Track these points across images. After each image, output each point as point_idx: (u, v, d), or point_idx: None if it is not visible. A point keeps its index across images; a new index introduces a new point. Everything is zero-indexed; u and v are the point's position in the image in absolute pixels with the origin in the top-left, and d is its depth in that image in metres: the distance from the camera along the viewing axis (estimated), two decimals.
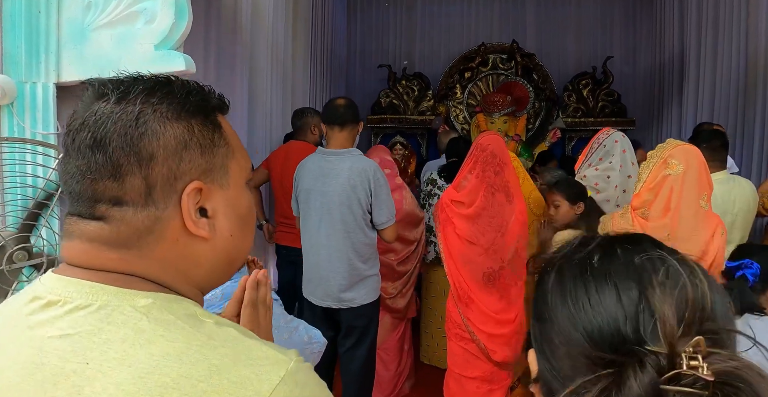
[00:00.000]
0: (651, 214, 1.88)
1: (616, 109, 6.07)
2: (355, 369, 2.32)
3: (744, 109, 4.43)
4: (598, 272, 0.50)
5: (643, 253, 0.50)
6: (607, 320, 0.47)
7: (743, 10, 4.50)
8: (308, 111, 3.16)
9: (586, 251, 0.53)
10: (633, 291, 0.47)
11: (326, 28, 5.56)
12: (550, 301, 0.53)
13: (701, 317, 0.44)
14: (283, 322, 1.35)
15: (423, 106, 6.24)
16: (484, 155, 2.31)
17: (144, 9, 1.58)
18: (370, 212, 2.18)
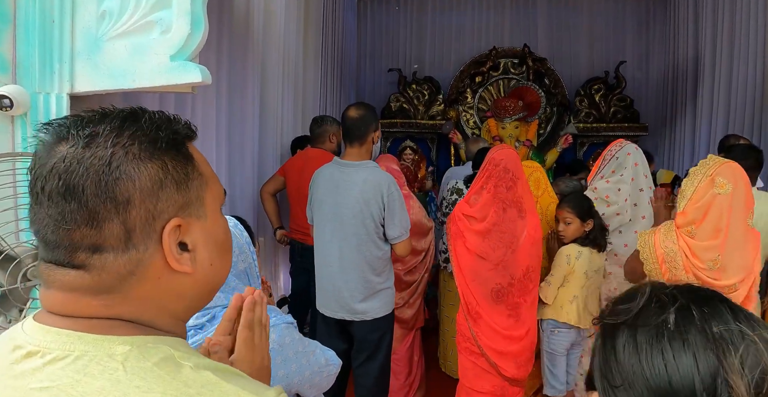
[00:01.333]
0: (699, 233, 1.81)
1: (628, 114, 6.01)
2: (368, 385, 2.29)
3: (761, 116, 4.37)
4: (674, 336, 0.51)
5: (721, 323, 0.51)
6: (682, 386, 0.48)
7: (761, 15, 4.43)
8: (327, 119, 3.16)
9: (661, 308, 0.53)
10: (711, 362, 0.49)
11: (337, 32, 5.55)
12: (623, 354, 0.53)
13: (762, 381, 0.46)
14: (301, 347, 1.32)
15: (433, 111, 6.21)
16: (497, 171, 2.28)
17: (159, 19, 1.56)
18: (383, 226, 2.15)
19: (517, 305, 2.22)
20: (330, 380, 1.42)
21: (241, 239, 1.28)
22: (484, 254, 2.23)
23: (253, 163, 3.40)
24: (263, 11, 3.49)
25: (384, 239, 2.17)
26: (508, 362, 2.18)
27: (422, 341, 3.17)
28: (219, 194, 0.68)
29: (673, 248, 1.80)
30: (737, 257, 1.76)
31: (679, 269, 1.78)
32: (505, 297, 2.18)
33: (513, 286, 2.19)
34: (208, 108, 2.69)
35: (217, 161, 2.82)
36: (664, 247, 1.82)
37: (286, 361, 1.24)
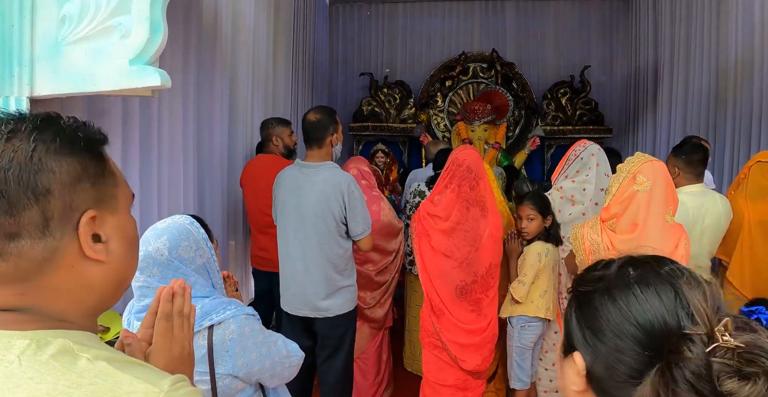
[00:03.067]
0: (619, 227, 1.92)
1: (593, 117, 6.19)
2: (331, 380, 2.34)
3: (715, 118, 4.56)
4: (638, 281, 0.64)
5: (665, 265, 0.66)
6: (655, 314, 0.60)
7: (714, 23, 4.64)
8: (271, 121, 3.15)
9: (621, 268, 0.68)
10: (669, 292, 0.61)
11: (308, 37, 5.59)
12: (600, 308, 0.64)
13: (719, 308, 0.59)
14: (261, 338, 1.36)
15: (404, 114, 6.30)
16: (460, 170, 2.36)
17: (119, 24, 1.59)
18: (345, 224, 2.21)
19: (479, 300, 2.29)
20: (292, 371, 1.46)
21: (198, 235, 1.32)
22: (449, 253, 2.29)
23: (222, 168, 3.41)
24: (231, 15, 3.52)
25: (346, 236, 2.23)
26: (470, 355, 2.25)
27: (390, 340, 3.22)
28: (129, 194, 0.73)
29: (597, 239, 1.91)
30: (653, 252, 1.85)
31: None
32: (469, 294, 2.25)
33: (476, 283, 2.26)
34: (175, 111, 2.71)
35: (185, 164, 2.83)
36: (591, 239, 1.92)
37: (245, 350, 1.29)
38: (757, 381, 0.52)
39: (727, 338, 0.54)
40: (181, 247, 1.27)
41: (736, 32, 4.31)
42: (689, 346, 0.55)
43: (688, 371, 0.54)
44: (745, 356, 0.53)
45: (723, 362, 0.53)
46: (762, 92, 3.95)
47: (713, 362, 0.54)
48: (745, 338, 0.54)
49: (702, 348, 0.55)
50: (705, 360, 0.54)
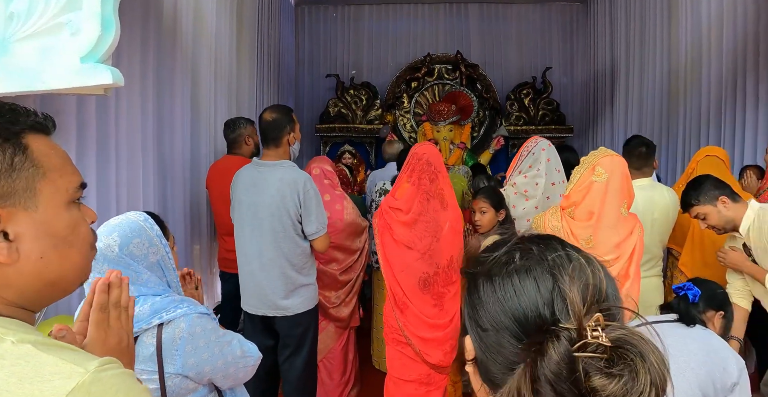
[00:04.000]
0: (577, 214, 2.02)
1: (555, 117, 6.35)
2: (294, 378, 2.33)
3: (668, 117, 4.75)
4: (520, 268, 0.60)
5: (554, 251, 0.61)
6: (529, 306, 0.57)
7: (665, 25, 4.83)
8: (240, 122, 3.08)
9: (509, 251, 0.64)
10: (548, 282, 0.58)
11: (273, 38, 5.57)
12: (483, 294, 0.62)
13: (599, 299, 0.56)
14: (214, 337, 1.34)
15: (371, 115, 6.33)
16: (420, 164, 2.39)
17: (69, 21, 1.57)
18: (301, 223, 2.22)
19: (442, 294, 2.33)
20: (247, 371, 1.44)
21: (151, 232, 1.32)
22: (411, 244, 2.32)
23: (185, 169, 3.37)
24: (192, 15, 3.49)
25: (303, 235, 2.23)
26: (433, 350, 2.28)
27: (357, 340, 3.24)
28: (66, 187, 0.67)
29: (557, 226, 2.00)
30: (608, 237, 1.95)
31: None
32: (431, 287, 2.29)
33: (438, 275, 2.30)
34: (133, 111, 2.67)
35: (145, 165, 2.79)
36: (551, 225, 2.01)
37: (196, 350, 1.28)
38: (623, 378, 0.50)
39: (598, 333, 0.51)
40: (132, 243, 1.26)
41: (686, 34, 4.50)
42: (553, 343, 0.52)
43: (548, 370, 0.52)
44: (614, 352, 0.51)
45: (591, 358, 0.50)
46: (710, 90, 4.13)
47: (581, 358, 0.50)
48: (615, 334, 0.51)
49: (566, 345, 0.52)
50: (568, 358, 0.51)
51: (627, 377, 0.50)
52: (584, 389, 0.50)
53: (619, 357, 0.50)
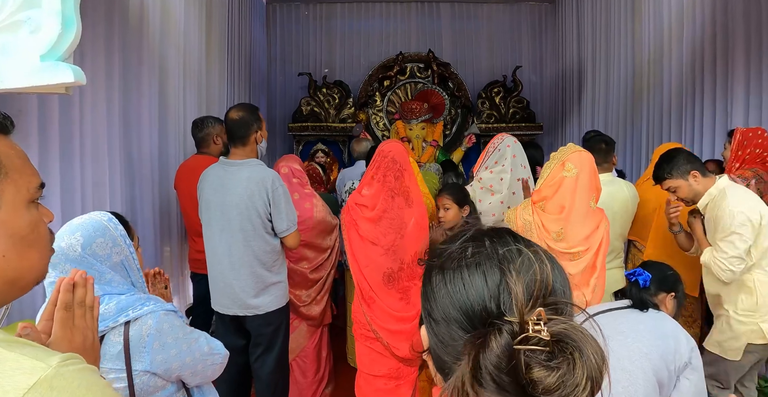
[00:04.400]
0: (548, 208, 2.08)
1: (525, 115, 6.46)
2: (265, 376, 2.33)
3: (632, 113, 4.89)
4: (470, 262, 0.61)
5: (505, 245, 0.62)
6: (477, 299, 0.58)
7: (629, 26, 4.97)
8: (209, 121, 3.04)
9: (462, 245, 0.65)
10: (496, 276, 0.59)
11: (244, 36, 5.53)
12: (435, 286, 0.63)
13: (545, 293, 0.57)
14: (181, 334, 1.34)
15: (344, 114, 6.34)
16: (385, 162, 2.43)
17: (28, 18, 1.54)
18: (270, 221, 2.22)
19: (407, 288, 2.36)
20: (215, 369, 1.45)
21: (115, 232, 1.31)
22: (375, 240, 2.35)
23: (153, 169, 3.33)
24: (159, 14, 3.44)
25: (272, 233, 2.24)
26: (401, 342, 2.32)
27: (331, 337, 3.25)
28: (27, 187, 0.68)
29: (529, 219, 2.06)
30: (578, 230, 2.03)
31: (534, 238, 2.03)
32: (396, 282, 2.32)
33: (403, 270, 2.33)
34: (98, 111, 2.63)
35: (111, 165, 2.75)
36: (523, 219, 2.07)
37: (164, 347, 1.28)
38: (561, 370, 0.51)
39: (539, 327, 0.52)
40: (95, 243, 1.26)
41: (648, 34, 4.64)
42: (495, 335, 0.54)
43: (489, 362, 0.53)
44: (555, 345, 0.52)
45: (532, 351, 0.52)
46: (671, 88, 4.27)
47: (521, 351, 0.52)
48: (557, 328, 0.53)
49: (508, 339, 0.53)
50: (508, 351, 0.52)
51: (564, 370, 0.51)
52: (524, 380, 0.51)
53: (559, 351, 0.52)
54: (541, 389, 0.51)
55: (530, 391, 0.52)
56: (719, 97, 3.67)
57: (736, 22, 3.46)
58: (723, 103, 3.63)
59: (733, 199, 2.18)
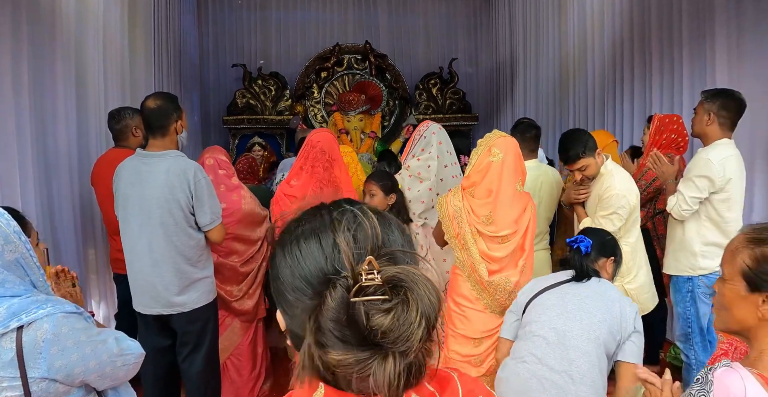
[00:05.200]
0: (477, 193, 2.13)
1: (462, 106, 6.59)
2: (195, 376, 2.25)
3: (560, 103, 5.09)
4: (306, 230, 0.62)
5: (337, 208, 0.63)
6: (314, 263, 0.59)
7: (556, 19, 5.16)
8: (126, 112, 2.86)
9: (298, 218, 0.65)
10: (329, 238, 0.59)
11: (172, 27, 5.31)
12: (277, 264, 0.63)
13: (375, 247, 0.58)
14: (84, 336, 1.25)
15: (281, 106, 6.23)
16: (314, 152, 2.40)
17: None
18: (193, 214, 2.15)
19: None
20: (128, 370, 1.38)
21: (7, 228, 1.22)
22: None
23: (72, 167, 3.14)
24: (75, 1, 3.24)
25: (196, 227, 2.16)
26: None
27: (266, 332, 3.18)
28: None
29: (459, 205, 2.10)
30: (506, 213, 2.09)
31: (464, 223, 2.08)
32: None
33: None
34: (4, 104, 2.46)
35: (22, 162, 2.58)
36: (453, 205, 2.11)
37: (63, 351, 1.20)
38: (396, 311, 0.52)
39: (372, 275, 0.53)
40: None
41: (574, 28, 4.83)
42: (330, 292, 0.54)
43: (328, 318, 0.53)
44: (390, 290, 0.53)
45: (370, 300, 0.52)
46: (595, 78, 4.48)
47: (358, 302, 0.52)
48: (389, 273, 0.54)
49: (342, 292, 0.54)
50: (345, 305, 0.53)
51: (399, 310, 0.52)
52: (365, 330, 0.52)
53: (393, 294, 0.53)
54: (380, 334, 0.52)
55: (371, 339, 0.53)
56: (637, 86, 3.88)
57: (652, 17, 3.67)
58: (641, 91, 3.84)
59: (619, 182, 2.40)
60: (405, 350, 0.53)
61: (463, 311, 2.10)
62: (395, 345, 0.53)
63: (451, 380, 0.65)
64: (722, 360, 0.96)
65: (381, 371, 0.53)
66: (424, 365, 0.57)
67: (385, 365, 0.53)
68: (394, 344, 0.53)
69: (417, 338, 0.53)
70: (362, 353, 0.53)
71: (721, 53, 3.00)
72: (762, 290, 0.96)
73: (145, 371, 2.29)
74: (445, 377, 0.65)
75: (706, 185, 2.34)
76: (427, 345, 0.56)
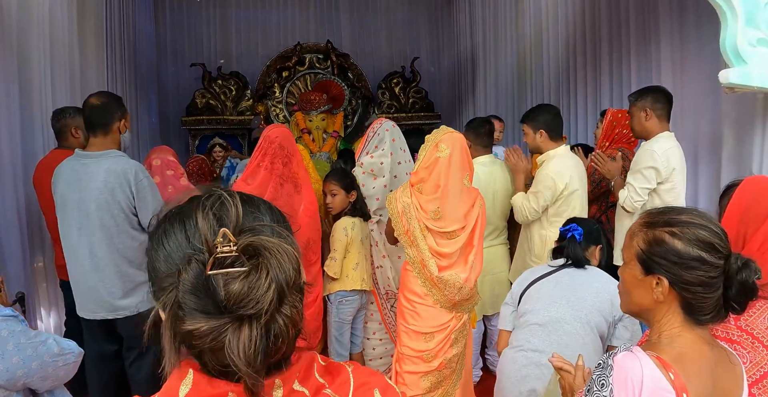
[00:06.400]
0: (425, 189, 2.13)
1: (424, 104, 6.62)
2: (142, 380, 2.18)
3: (518, 99, 5.18)
4: (173, 216, 0.62)
5: (206, 194, 0.63)
6: (177, 247, 0.60)
7: (513, 18, 5.23)
8: (67, 111, 2.78)
9: (168, 210, 0.65)
10: (192, 220, 0.60)
11: (126, 24, 5.17)
12: (150, 256, 0.63)
13: (236, 223, 0.58)
14: (24, 339, 1.26)
15: (242, 106, 6.15)
16: (272, 147, 2.37)
17: None
18: (135, 215, 2.09)
19: None
20: (68, 369, 1.39)
21: None
22: None
23: (16, 167, 3.02)
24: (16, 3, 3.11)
25: (140, 228, 2.10)
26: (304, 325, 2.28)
27: None
28: None
29: (408, 201, 2.10)
30: (454, 209, 2.11)
31: (413, 219, 2.08)
32: None
33: None
34: None
35: None
36: (402, 201, 2.11)
37: (3, 355, 1.20)
38: (248, 276, 0.53)
39: (228, 247, 0.54)
40: None
41: (530, 26, 4.91)
42: (185, 267, 0.55)
43: (184, 292, 0.54)
44: (246, 259, 0.54)
45: (225, 272, 0.53)
46: (550, 74, 4.56)
47: (214, 275, 0.53)
48: (243, 243, 0.54)
49: (198, 266, 0.54)
50: (200, 277, 0.54)
51: (251, 275, 0.53)
52: (222, 300, 0.53)
53: (249, 259, 0.54)
54: (233, 300, 0.52)
55: (225, 306, 0.53)
56: (589, 83, 3.97)
57: (602, 16, 3.77)
58: (593, 88, 3.93)
59: (554, 165, 2.61)
60: (256, 314, 0.53)
61: (414, 306, 2.10)
62: (246, 309, 0.53)
63: (343, 371, 0.65)
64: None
65: (235, 338, 0.53)
66: (286, 332, 0.56)
67: (240, 331, 0.53)
68: (245, 308, 0.53)
69: (267, 301, 0.53)
70: (216, 321, 0.53)
71: (666, 52, 3.10)
72: (654, 272, 0.98)
73: (91, 378, 2.23)
74: (336, 368, 0.65)
75: (653, 175, 2.44)
76: (286, 310, 0.55)
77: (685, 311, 0.98)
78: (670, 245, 0.97)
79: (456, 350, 2.08)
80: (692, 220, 0.97)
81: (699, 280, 0.95)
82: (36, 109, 3.30)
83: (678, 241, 0.96)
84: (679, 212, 1.00)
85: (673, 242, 0.97)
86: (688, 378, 0.91)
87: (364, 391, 0.65)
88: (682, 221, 0.98)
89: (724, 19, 2.06)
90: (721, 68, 2.11)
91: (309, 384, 0.61)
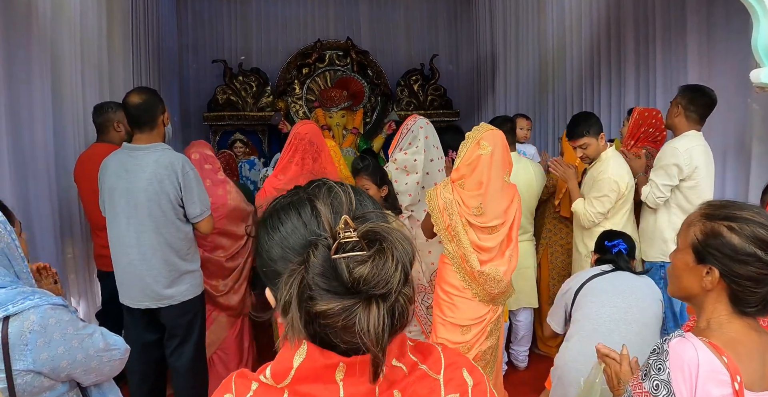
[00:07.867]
0: (467, 185, 2.16)
1: (443, 102, 6.63)
2: (182, 367, 2.24)
3: (539, 100, 5.17)
4: (283, 205, 0.67)
5: (312, 184, 0.68)
6: (294, 231, 0.64)
7: (536, 18, 5.22)
8: (109, 106, 2.85)
9: (275, 200, 0.70)
10: (307, 208, 0.65)
11: (150, 21, 5.23)
12: (261, 241, 0.67)
13: (350, 210, 0.63)
14: (71, 329, 1.23)
15: (262, 103, 6.20)
16: (302, 144, 2.41)
17: None
18: (182, 206, 2.14)
19: None
20: (113, 366, 1.37)
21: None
22: None
23: (49, 162, 3.08)
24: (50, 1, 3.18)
25: (185, 219, 2.15)
26: None
27: (254, 327, 3.18)
28: None
29: (449, 197, 2.13)
30: (495, 204, 2.14)
31: (454, 214, 2.11)
32: None
33: None
34: None
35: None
36: (443, 197, 2.14)
37: (50, 343, 1.19)
38: (374, 260, 0.57)
39: (349, 233, 0.58)
40: None
41: (553, 26, 4.90)
42: (313, 252, 0.59)
43: (313, 275, 0.58)
44: (365, 243, 0.58)
45: (349, 256, 0.57)
46: (573, 76, 4.55)
47: (340, 258, 0.57)
48: (363, 229, 0.58)
49: (324, 250, 0.58)
50: (327, 260, 0.58)
51: (376, 259, 0.57)
52: (348, 282, 0.57)
53: (368, 247, 0.58)
54: (362, 282, 0.56)
55: (355, 287, 0.57)
56: (614, 82, 3.96)
57: (627, 15, 3.75)
58: (617, 87, 3.92)
59: (613, 168, 2.62)
60: (385, 293, 0.57)
61: (451, 299, 2.13)
62: (376, 289, 0.57)
63: (434, 350, 0.69)
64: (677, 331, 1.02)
65: (365, 316, 0.56)
66: (407, 310, 0.60)
67: (369, 310, 0.57)
68: (375, 288, 0.57)
69: (395, 281, 0.57)
70: (348, 301, 0.57)
71: (693, 50, 3.09)
72: (706, 262, 1.02)
73: (132, 367, 2.28)
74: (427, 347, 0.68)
75: (676, 172, 2.48)
76: (406, 290, 0.59)
77: (732, 301, 1.01)
78: (727, 239, 1.00)
79: (491, 342, 2.11)
80: (753, 217, 1.00)
81: (750, 275, 0.98)
82: (67, 106, 3.36)
83: (735, 236, 0.99)
84: (740, 207, 1.03)
85: (731, 236, 0.99)
86: (740, 362, 0.95)
87: (453, 369, 0.69)
88: (742, 217, 1.00)
89: (756, 19, 2.05)
90: (750, 65, 2.11)
91: (404, 361, 0.65)
